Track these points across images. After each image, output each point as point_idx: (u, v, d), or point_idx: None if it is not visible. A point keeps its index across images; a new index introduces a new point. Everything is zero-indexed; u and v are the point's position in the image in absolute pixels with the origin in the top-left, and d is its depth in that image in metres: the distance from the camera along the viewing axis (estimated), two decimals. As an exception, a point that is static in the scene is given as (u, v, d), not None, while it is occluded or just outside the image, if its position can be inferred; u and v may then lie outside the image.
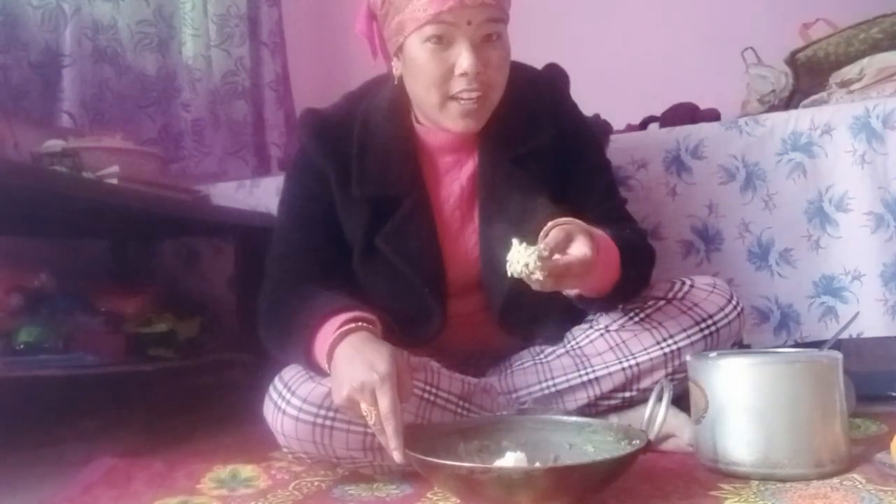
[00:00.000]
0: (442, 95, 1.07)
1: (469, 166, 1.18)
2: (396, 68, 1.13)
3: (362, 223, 1.14)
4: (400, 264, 1.14)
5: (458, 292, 1.19)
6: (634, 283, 1.13)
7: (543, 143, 1.17)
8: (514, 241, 0.91)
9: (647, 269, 1.17)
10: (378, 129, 1.16)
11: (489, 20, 1.05)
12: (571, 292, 1.01)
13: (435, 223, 1.17)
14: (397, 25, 1.07)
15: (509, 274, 0.91)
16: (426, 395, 1.09)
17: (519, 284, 0.93)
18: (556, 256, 0.92)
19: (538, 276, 0.89)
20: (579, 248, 0.93)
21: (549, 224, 0.96)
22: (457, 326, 1.19)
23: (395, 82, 1.15)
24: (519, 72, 1.18)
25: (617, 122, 1.76)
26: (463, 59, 1.04)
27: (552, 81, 1.23)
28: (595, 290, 1.04)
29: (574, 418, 1.08)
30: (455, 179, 1.18)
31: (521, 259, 0.89)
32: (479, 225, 1.17)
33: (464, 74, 1.05)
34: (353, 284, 1.16)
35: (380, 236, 1.14)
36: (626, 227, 1.16)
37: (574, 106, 1.25)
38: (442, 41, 1.04)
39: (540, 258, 0.89)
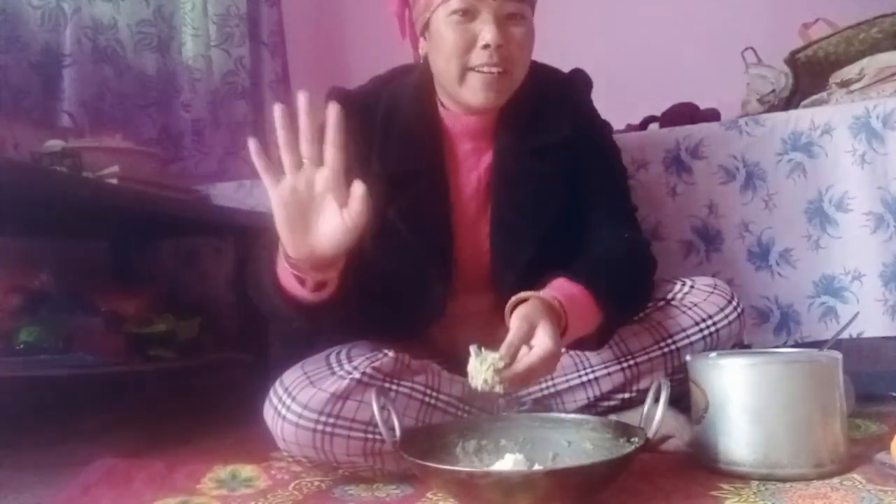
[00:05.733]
0: (462, 66, 1.08)
1: (487, 157, 1.18)
2: (422, 47, 1.16)
3: (378, 198, 1.14)
4: (410, 237, 1.14)
5: (466, 287, 1.18)
6: (625, 311, 1.10)
7: (561, 138, 1.17)
8: (472, 350, 0.89)
9: (639, 289, 1.14)
10: (403, 110, 1.18)
11: None
12: None
13: (450, 206, 1.17)
14: (425, 1, 1.10)
15: (472, 386, 0.89)
16: (427, 399, 1.09)
17: (526, 279, 0.95)
18: (523, 350, 0.90)
19: (499, 389, 0.88)
20: (542, 340, 0.90)
21: (510, 304, 0.97)
22: (461, 325, 1.19)
23: (421, 61, 1.18)
24: (544, 70, 1.21)
25: (617, 122, 1.75)
26: (486, 31, 1.05)
27: (576, 83, 1.25)
28: (574, 342, 1.03)
29: (572, 416, 1.09)
30: (473, 169, 1.18)
31: (479, 375, 0.88)
32: (491, 212, 1.17)
33: (486, 46, 1.06)
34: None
35: (394, 210, 1.13)
36: (624, 236, 1.16)
37: (594, 110, 1.26)
38: (467, 14, 1.06)
39: (497, 372, 0.87)
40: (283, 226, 0.89)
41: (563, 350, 1.00)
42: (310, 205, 0.89)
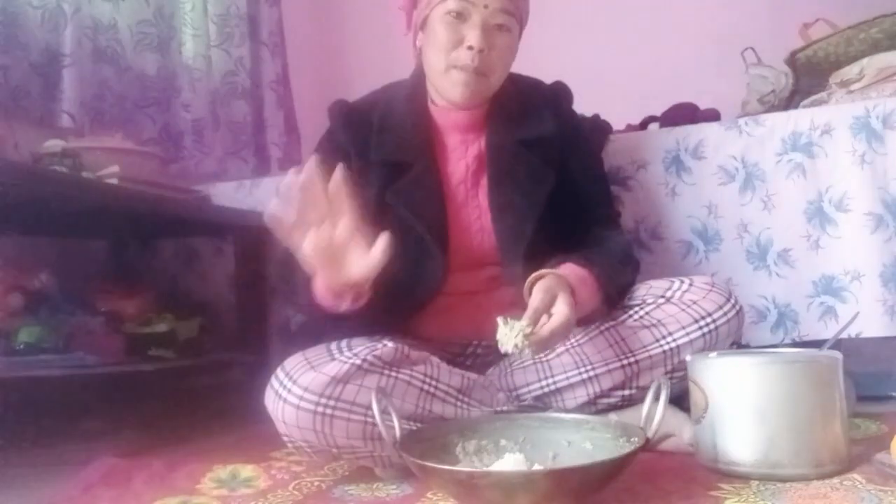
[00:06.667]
0: (448, 62, 1.20)
1: (475, 148, 1.28)
2: (419, 40, 1.28)
3: (376, 184, 1.25)
4: (407, 215, 1.22)
5: (460, 265, 1.23)
6: (616, 297, 1.20)
7: (547, 132, 1.27)
8: (500, 321, 1.00)
9: (627, 282, 1.24)
10: (397, 109, 1.30)
11: (503, 10, 1.19)
12: None
13: (442, 189, 1.26)
14: (426, 0, 1.22)
15: (502, 352, 1.00)
16: (426, 387, 1.11)
17: (531, 251, 1.13)
18: (543, 319, 1.02)
19: (527, 352, 1.01)
20: (560, 309, 1.03)
21: (529, 280, 1.08)
22: (456, 307, 1.23)
23: (417, 53, 1.30)
24: (528, 79, 1.34)
25: (617, 122, 1.75)
26: (472, 35, 1.18)
27: (558, 90, 1.35)
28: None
29: (572, 415, 1.09)
30: (461, 158, 1.28)
31: (509, 340, 0.99)
32: (489, 189, 1.25)
33: (470, 48, 1.18)
34: None
35: (390, 192, 1.24)
36: (612, 238, 1.27)
37: (576, 114, 1.37)
38: (459, 16, 1.19)
39: (526, 337, 0.98)
40: (318, 268, 1.01)
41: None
42: (337, 250, 0.99)
